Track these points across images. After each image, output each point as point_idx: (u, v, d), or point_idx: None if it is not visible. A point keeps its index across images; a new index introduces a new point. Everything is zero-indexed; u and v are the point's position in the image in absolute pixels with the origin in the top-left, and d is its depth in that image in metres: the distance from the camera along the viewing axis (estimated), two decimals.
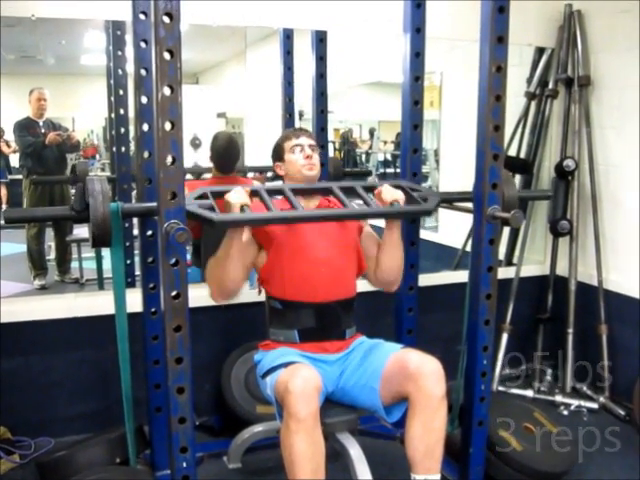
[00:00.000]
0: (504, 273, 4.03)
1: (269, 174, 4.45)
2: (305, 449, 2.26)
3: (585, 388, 4.07)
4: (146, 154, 2.68)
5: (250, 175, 4.60)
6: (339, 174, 3.93)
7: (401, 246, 2.79)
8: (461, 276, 3.16)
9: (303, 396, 2.26)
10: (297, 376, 2.31)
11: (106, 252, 2.89)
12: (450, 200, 3.00)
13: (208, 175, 4.25)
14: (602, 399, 3.93)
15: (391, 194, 2.63)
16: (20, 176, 5.75)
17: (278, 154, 2.84)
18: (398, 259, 2.79)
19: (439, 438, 2.48)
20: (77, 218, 2.42)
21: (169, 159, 2.14)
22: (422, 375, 2.43)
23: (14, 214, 2.44)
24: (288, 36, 3.83)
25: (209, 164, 4.08)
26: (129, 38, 2.87)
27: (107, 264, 2.90)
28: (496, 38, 2.52)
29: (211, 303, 3.47)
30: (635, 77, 3.74)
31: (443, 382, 2.46)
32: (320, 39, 3.68)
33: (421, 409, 2.44)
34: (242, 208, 2.36)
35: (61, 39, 6.33)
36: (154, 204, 2.30)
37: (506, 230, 4.41)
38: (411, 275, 3.28)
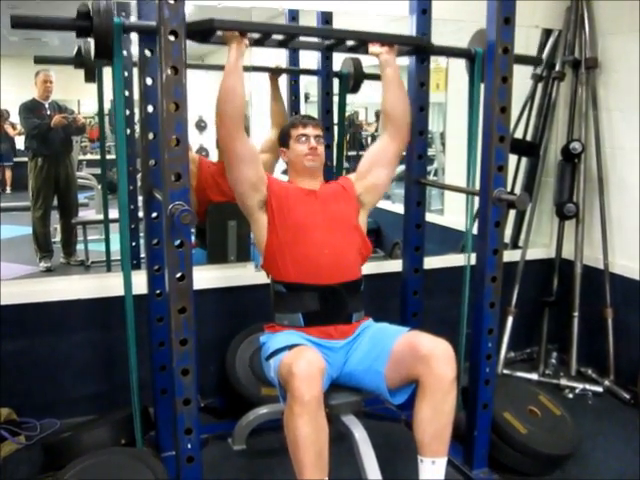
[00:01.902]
0: (510, 256, 4.03)
1: None
2: (309, 432, 2.26)
3: (590, 371, 4.07)
4: (151, 136, 2.67)
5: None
6: (358, 78, 3.90)
7: (402, 82, 2.88)
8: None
9: (307, 379, 2.25)
10: (301, 359, 2.32)
11: (114, 234, 2.89)
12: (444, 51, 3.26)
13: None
14: (607, 383, 3.94)
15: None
16: (25, 159, 5.74)
17: (284, 140, 2.89)
18: (405, 96, 2.88)
19: (448, 421, 2.49)
20: (80, 28, 2.42)
21: (174, 140, 2.14)
22: (434, 357, 2.43)
23: (21, 19, 2.45)
24: (294, 17, 3.80)
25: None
26: (134, 20, 2.85)
27: (114, 245, 2.91)
28: (503, 19, 2.51)
29: (216, 285, 3.50)
30: None
31: (454, 365, 2.46)
32: (326, 20, 3.66)
33: (432, 392, 2.45)
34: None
35: None
36: (154, 23, 2.33)
37: (512, 213, 4.41)
38: (416, 258, 3.29)
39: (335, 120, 3.87)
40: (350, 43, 2.98)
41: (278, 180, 2.83)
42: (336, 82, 3.84)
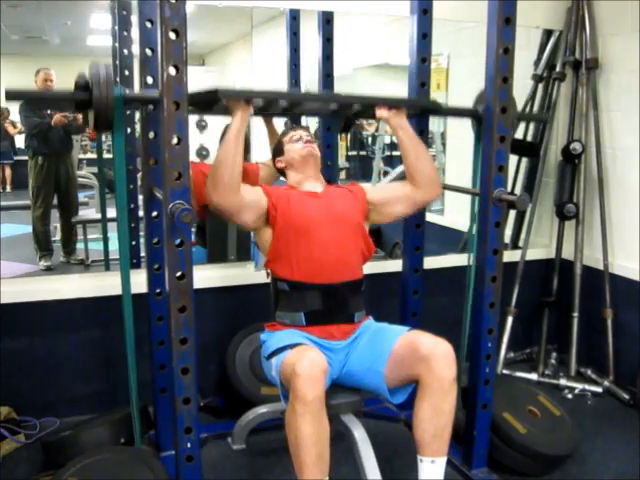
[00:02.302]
0: (510, 256, 4.03)
1: None
2: (311, 432, 2.26)
3: (590, 372, 4.07)
4: (151, 135, 2.68)
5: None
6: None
7: (421, 141, 2.82)
8: (467, 259, 3.15)
9: (310, 379, 2.25)
10: (304, 358, 2.31)
11: (112, 232, 2.89)
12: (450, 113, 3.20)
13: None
14: (606, 383, 3.94)
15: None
16: (25, 157, 5.74)
17: (278, 149, 2.92)
18: (426, 155, 2.82)
19: (448, 421, 2.49)
20: (79, 101, 2.39)
21: (174, 139, 2.14)
22: (434, 357, 2.43)
23: (15, 93, 2.42)
24: (294, 17, 3.81)
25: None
26: (135, 19, 2.86)
27: (113, 245, 2.90)
28: (504, 20, 2.51)
29: (217, 284, 3.50)
30: None
31: (454, 365, 2.46)
32: (327, 20, 3.65)
33: (432, 392, 2.45)
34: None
35: (67, 20, 6.31)
36: (155, 93, 2.30)
37: (512, 213, 4.40)
38: (416, 257, 3.29)
39: None
40: (356, 107, 2.96)
41: (277, 189, 2.80)
42: None
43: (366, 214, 2.86)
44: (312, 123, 4.38)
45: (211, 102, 2.50)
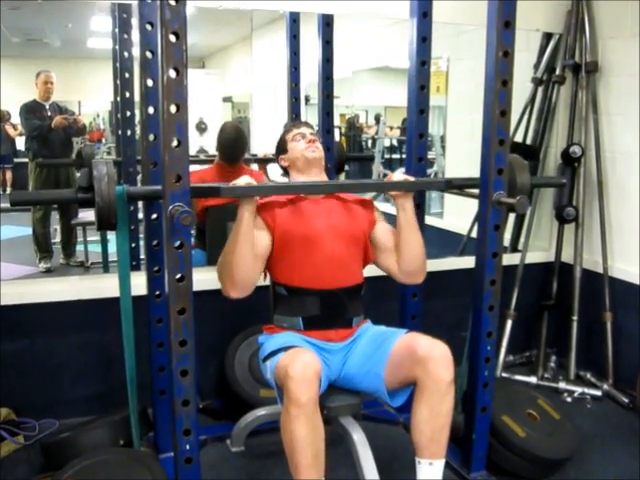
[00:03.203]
0: (509, 259, 4.03)
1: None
2: (306, 434, 2.26)
3: (589, 375, 4.07)
4: (151, 137, 2.68)
5: (255, 167, 4.57)
6: (342, 159, 3.92)
7: (418, 229, 2.76)
8: (466, 262, 3.16)
9: (303, 381, 2.25)
10: (297, 361, 2.31)
11: (111, 235, 2.90)
12: (456, 186, 2.99)
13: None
14: (606, 386, 3.93)
15: (402, 176, 2.76)
16: (26, 159, 5.76)
17: (282, 147, 2.88)
18: (418, 244, 2.75)
19: (446, 423, 2.49)
20: (82, 201, 2.42)
21: (174, 142, 2.14)
22: (431, 359, 2.43)
23: (20, 197, 2.43)
24: (294, 20, 3.82)
25: (216, 152, 4.09)
26: (135, 22, 2.86)
27: (112, 247, 2.91)
28: (503, 23, 2.51)
29: (216, 286, 3.49)
30: None
31: (452, 367, 2.46)
32: (327, 23, 3.66)
33: (429, 393, 2.44)
34: None
35: (67, 22, 6.33)
36: (159, 187, 2.31)
37: (511, 216, 4.40)
38: None
39: (335, 123, 3.87)
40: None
41: (272, 204, 2.73)
42: None
43: (373, 227, 2.83)
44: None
45: (213, 195, 2.54)
